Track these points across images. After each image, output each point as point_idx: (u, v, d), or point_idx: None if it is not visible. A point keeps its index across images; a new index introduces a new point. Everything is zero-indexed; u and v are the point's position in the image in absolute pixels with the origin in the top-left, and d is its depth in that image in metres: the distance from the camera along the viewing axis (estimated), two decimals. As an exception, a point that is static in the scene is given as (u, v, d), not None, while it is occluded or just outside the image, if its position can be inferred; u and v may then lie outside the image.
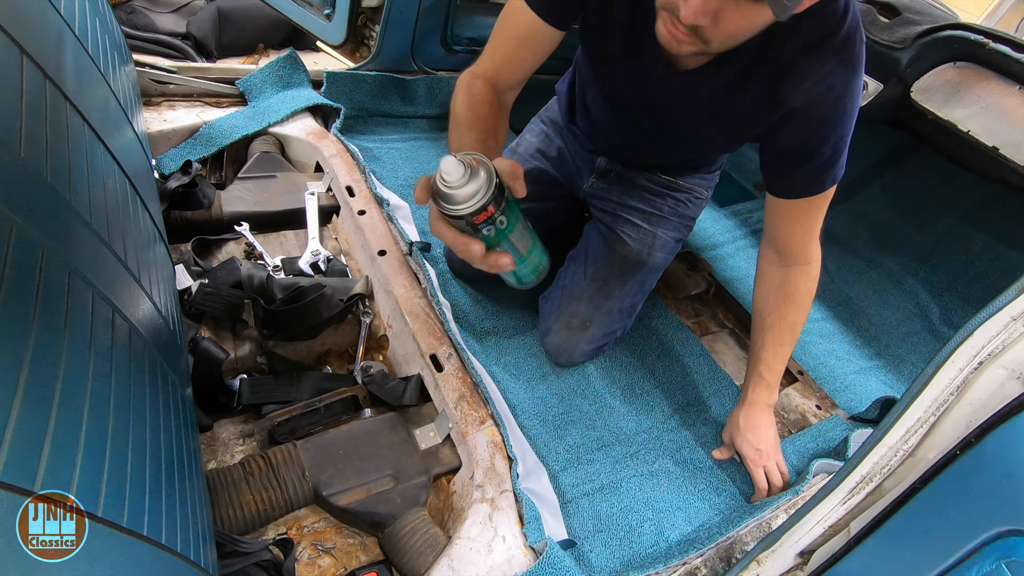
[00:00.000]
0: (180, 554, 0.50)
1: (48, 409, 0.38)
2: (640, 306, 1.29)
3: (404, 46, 1.67)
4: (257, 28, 2.05)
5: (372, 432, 0.96)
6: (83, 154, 0.58)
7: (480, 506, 0.88)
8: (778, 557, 0.84)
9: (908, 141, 1.94)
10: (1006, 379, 0.62)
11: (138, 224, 0.74)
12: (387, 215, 1.30)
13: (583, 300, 1.22)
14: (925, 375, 0.68)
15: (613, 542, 0.99)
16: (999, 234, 1.75)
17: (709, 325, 1.57)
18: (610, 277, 1.22)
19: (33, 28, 0.54)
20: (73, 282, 0.46)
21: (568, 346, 1.22)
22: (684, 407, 1.27)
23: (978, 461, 0.59)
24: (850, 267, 1.83)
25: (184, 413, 0.70)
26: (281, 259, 1.23)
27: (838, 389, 1.40)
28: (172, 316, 0.80)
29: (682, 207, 1.24)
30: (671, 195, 1.23)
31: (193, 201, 1.24)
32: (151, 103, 1.41)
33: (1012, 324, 0.62)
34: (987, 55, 1.31)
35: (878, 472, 0.74)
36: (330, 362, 1.15)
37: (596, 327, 1.22)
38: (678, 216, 1.23)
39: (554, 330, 1.23)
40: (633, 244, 1.21)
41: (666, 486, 1.10)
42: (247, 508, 0.83)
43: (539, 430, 1.12)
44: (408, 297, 1.15)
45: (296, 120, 1.49)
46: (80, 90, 0.63)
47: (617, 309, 1.23)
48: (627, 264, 1.21)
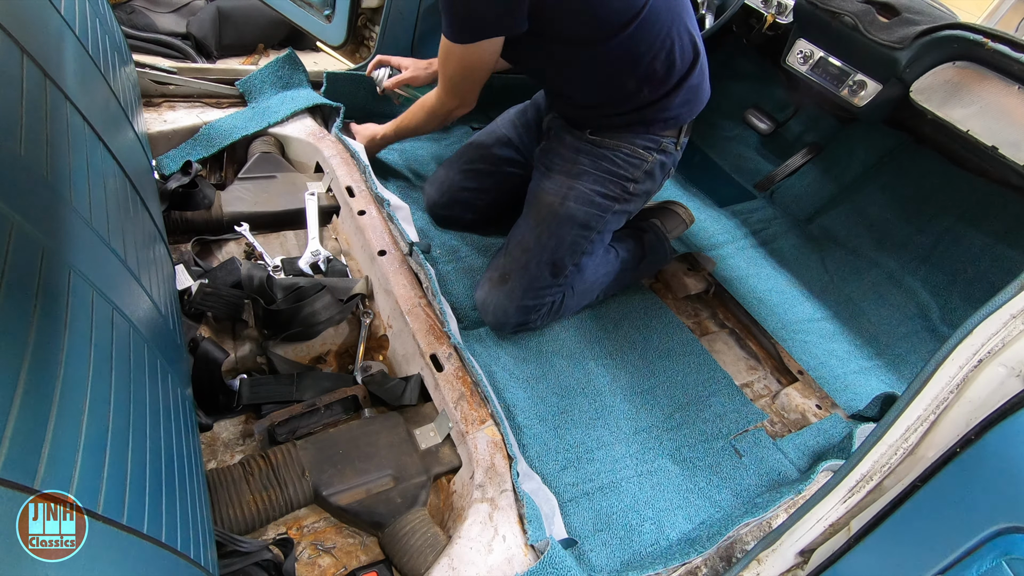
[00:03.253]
0: (180, 552, 0.50)
1: (48, 408, 0.38)
2: (569, 270, 1.27)
3: (404, 47, 1.67)
4: (257, 28, 2.06)
5: (372, 432, 0.96)
6: (83, 154, 0.58)
7: (480, 506, 0.88)
8: (778, 556, 0.84)
9: (908, 141, 1.94)
10: (1006, 377, 0.62)
11: (138, 224, 0.74)
12: (387, 215, 1.30)
13: (502, 253, 1.27)
14: (925, 373, 0.67)
15: (613, 541, 0.99)
16: (999, 234, 1.75)
17: (709, 325, 1.57)
18: (527, 230, 1.25)
19: (33, 28, 0.54)
20: (73, 281, 0.46)
21: (491, 300, 1.24)
22: (684, 406, 1.27)
23: (978, 459, 0.59)
24: (850, 267, 1.83)
25: (184, 413, 0.70)
26: (281, 259, 1.23)
27: (838, 389, 1.40)
28: (172, 316, 0.80)
29: (607, 163, 1.24)
30: (594, 151, 1.24)
31: (193, 201, 1.24)
32: (151, 103, 1.41)
33: (1012, 322, 0.62)
34: (987, 55, 1.31)
35: (878, 470, 0.74)
36: (330, 362, 1.15)
37: (515, 281, 1.23)
38: (601, 171, 1.24)
39: (480, 285, 1.28)
40: (548, 196, 1.25)
41: (666, 485, 1.10)
42: (247, 508, 0.83)
43: (539, 429, 1.12)
44: (408, 297, 1.15)
45: (296, 120, 1.49)
46: (80, 90, 0.63)
47: (535, 263, 1.23)
48: (541, 215, 1.24)
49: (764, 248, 1.84)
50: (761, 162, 2.19)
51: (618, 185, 1.25)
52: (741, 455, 1.20)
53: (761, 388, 1.44)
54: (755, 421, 1.28)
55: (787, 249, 1.86)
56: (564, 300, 1.31)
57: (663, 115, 1.20)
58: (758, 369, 1.48)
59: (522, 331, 1.30)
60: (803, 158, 2.11)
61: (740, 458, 1.19)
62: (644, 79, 1.14)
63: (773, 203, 2.06)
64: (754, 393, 1.41)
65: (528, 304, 1.24)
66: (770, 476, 1.17)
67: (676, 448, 1.17)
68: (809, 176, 2.07)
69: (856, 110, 1.68)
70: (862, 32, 1.50)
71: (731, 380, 1.36)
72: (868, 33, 1.49)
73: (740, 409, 1.29)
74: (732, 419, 1.26)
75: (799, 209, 2.03)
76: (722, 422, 1.25)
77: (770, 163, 2.18)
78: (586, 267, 1.31)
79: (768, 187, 2.11)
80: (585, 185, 1.23)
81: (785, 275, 1.75)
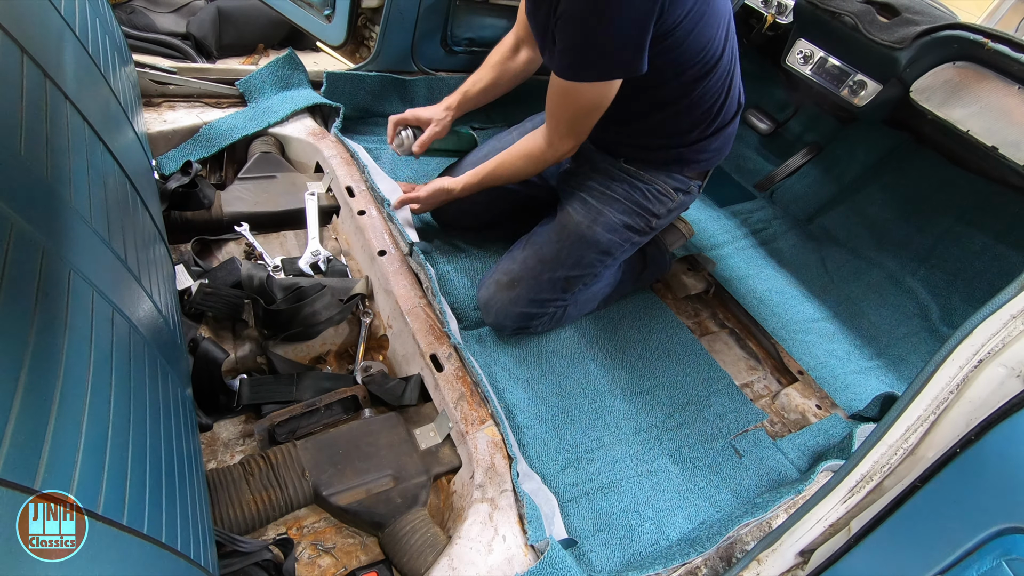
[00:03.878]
0: (180, 553, 0.50)
1: (48, 408, 0.38)
2: (578, 288, 1.28)
3: (404, 47, 1.67)
4: (257, 28, 2.05)
5: (372, 432, 0.96)
6: (83, 154, 0.58)
7: (480, 506, 0.88)
8: (778, 556, 0.84)
9: (908, 141, 1.94)
10: (1006, 377, 0.62)
11: (138, 224, 0.74)
12: (387, 215, 1.30)
13: (517, 260, 1.26)
14: (925, 373, 0.67)
15: (613, 541, 0.99)
16: (999, 234, 1.75)
17: (709, 325, 1.57)
18: (547, 243, 1.25)
19: (33, 28, 0.54)
20: (73, 281, 0.46)
21: (495, 301, 1.24)
22: (684, 406, 1.27)
23: (978, 459, 0.59)
24: (850, 267, 1.83)
25: (184, 413, 0.70)
26: (281, 259, 1.23)
27: (838, 389, 1.40)
28: (172, 316, 0.80)
29: (639, 195, 1.24)
30: (629, 181, 1.24)
31: (193, 201, 1.24)
32: (151, 103, 1.41)
33: (1012, 322, 0.62)
34: (986, 55, 1.31)
35: (878, 471, 0.74)
36: (330, 362, 1.15)
37: (523, 288, 1.23)
38: (632, 202, 1.24)
39: (485, 284, 1.27)
40: (576, 216, 1.24)
41: (666, 485, 1.10)
42: (247, 508, 0.83)
43: (539, 429, 1.12)
44: (408, 297, 1.15)
45: (296, 120, 1.49)
46: (80, 90, 0.63)
47: (548, 278, 1.24)
48: (565, 233, 1.24)
49: (764, 248, 1.84)
50: (761, 162, 2.19)
51: (644, 219, 1.25)
52: (741, 455, 1.20)
53: (761, 388, 1.44)
54: (755, 421, 1.28)
55: (787, 249, 1.86)
56: (567, 310, 1.32)
57: (699, 156, 1.22)
58: (758, 369, 1.48)
59: (521, 334, 1.30)
60: (803, 158, 2.11)
61: (740, 458, 1.19)
62: (697, 121, 1.15)
63: (773, 203, 2.06)
64: (754, 393, 1.41)
65: (531, 312, 1.25)
66: (770, 476, 1.17)
67: (676, 448, 1.17)
68: (809, 176, 2.07)
69: (856, 110, 1.68)
70: (862, 32, 1.50)
71: (731, 380, 1.36)
72: (868, 33, 1.50)
73: (740, 409, 1.29)
74: (732, 419, 1.26)
75: (799, 209, 2.03)
76: (722, 422, 1.25)
77: (770, 163, 2.18)
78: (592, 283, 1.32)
79: (768, 187, 2.11)
80: (614, 214, 1.23)
81: (785, 275, 1.75)
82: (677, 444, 1.18)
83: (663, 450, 1.16)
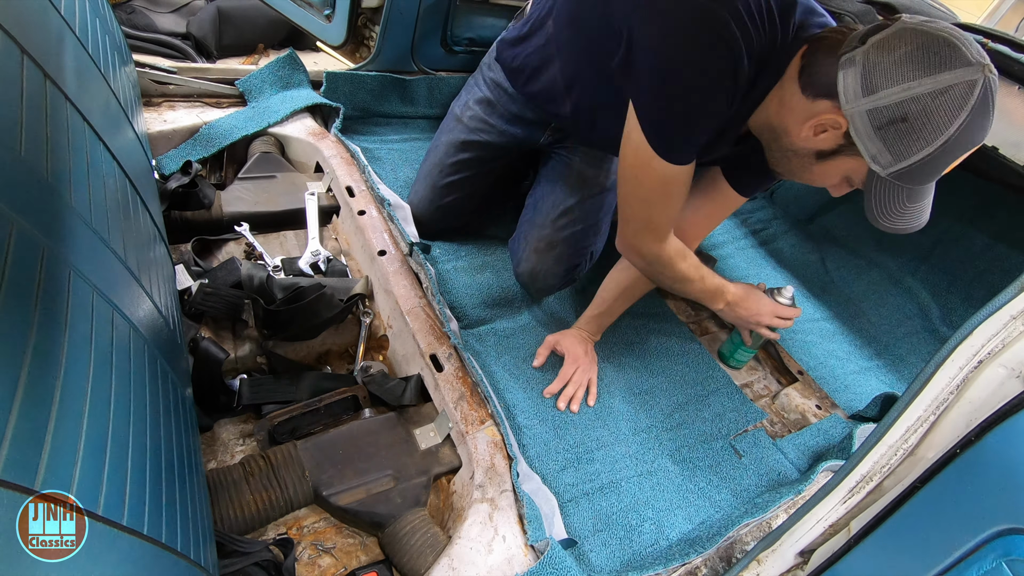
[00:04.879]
0: (180, 553, 0.50)
1: (48, 409, 0.38)
2: (606, 225, 1.33)
3: (404, 47, 1.67)
4: (257, 28, 2.05)
5: (372, 432, 0.96)
6: (83, 154, 0.58)
7: (480, 506, 0.88)
8: (778, 556, 0.84)
9: (908, 141, 1.93)
10: (1006, 377, 0.62)
11: (138, 224, 0.74)
12: (387, 215, 1.30)
13: (547, 226, 1.28)
14: (925, 374, 0.67)
15: (613, 541, 0.99)
16: (999, 234, 1.75)
17: (709, 325, 1.57)
18: (563, 196, 1.28)
19: (33, 28, 0.54)
20: (73, 282, 0.46)
21: (540, 267, 1.27)
22: (683, 406, 1.27)
23: (978, 460, 0.59)
24: (850, 267, 1.83)
25: (184, 413, 0.70)
26: (281, 259, 1.23)
27: (838, 389, 1.40)
28: (172, 316, 0.80)
29: None
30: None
31: (193, 201, 1.24)
32: (151, 103, 1.41)
33: (1012, 323, 0.62)
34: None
35: (878, 471, 0.74)
36: (330, 362, 1.15)
37: (563, 247, 1.27)
38: None
39: (524, 257, 1.29)
40: (591, 169, 1.27)
41: (666, 485, 1.10)
42: (247, 508, 0.83)
43: (539, 429, 1.12)
44: (408, 297, 1.15)
45: (296, 120, 1.49)
46: (80, 90, 0.63)
47: (582, 228, 1.29)
48: (585, 186, 1.27)
49: (764, 248, 1.84)
50: (761, 162, 2.19)
51: None
52: (741, 455, 1.20)
53: (761, 388, 1.44)
54: (755, 421, 1.28)
55: (787, 249, 1.86)
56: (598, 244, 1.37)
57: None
58: (758, 369, 1.48)
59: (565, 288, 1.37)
60: (803, 158, 2.10)
61: (740, 458, 1.19)
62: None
63: (773, 203, 2.06)
64: (754, 393, 1.41)
65: (576, 262, 1.31)
66: (770, 476, 1.17)
67: (676, 448, 1.17)
68: (809, 176, 2.07)
69: (856, 110, 1.68)
70: (862, 32, 1.50)
71: (731, 380, 1.36)
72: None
73: (740, 409, 1.29)
74: (732, 419, 1.26)
75: (799, 209, 2.03)
76: (722, 422, 1.25)
77: (770, 163, 2.17)
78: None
79: (768, 187, 2.11)
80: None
81: (785, 275, 1.75)
82: (677, 444, 1.18)
83: (663, 450, 1.16)
